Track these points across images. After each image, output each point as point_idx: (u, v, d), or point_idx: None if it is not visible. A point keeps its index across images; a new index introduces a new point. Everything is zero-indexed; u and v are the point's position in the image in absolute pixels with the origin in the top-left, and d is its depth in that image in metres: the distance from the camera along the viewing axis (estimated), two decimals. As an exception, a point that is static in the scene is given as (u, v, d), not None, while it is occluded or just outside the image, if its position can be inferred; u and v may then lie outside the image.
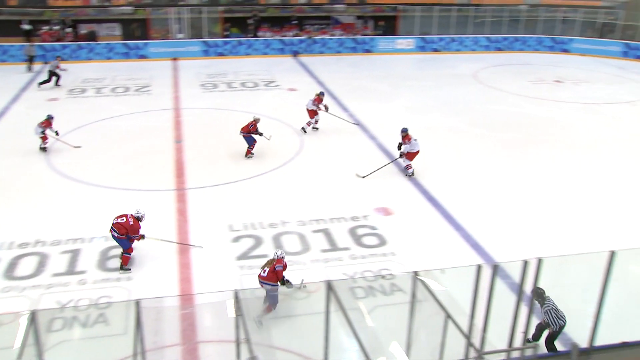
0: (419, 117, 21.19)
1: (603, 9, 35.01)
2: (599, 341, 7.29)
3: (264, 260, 10.64)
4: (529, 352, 6.76)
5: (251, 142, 16.99)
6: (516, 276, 7.17)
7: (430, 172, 16.45)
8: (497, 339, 7.32)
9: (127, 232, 11.28)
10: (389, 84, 26.00)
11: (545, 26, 34.20)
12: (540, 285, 7.31)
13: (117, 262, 11.60)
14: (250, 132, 16.79)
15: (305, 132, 19.34)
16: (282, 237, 12.75)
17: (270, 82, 25.82)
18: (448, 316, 7.15)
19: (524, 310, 7.20)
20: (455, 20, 33.03)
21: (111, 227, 11.38)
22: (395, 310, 9.85)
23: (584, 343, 7.31)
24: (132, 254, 11.56)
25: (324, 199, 14.55)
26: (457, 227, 13.39)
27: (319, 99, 19.24)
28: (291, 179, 15.84)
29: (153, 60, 29.85)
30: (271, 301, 9.87)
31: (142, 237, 11.47)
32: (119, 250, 11.63)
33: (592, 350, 7.09)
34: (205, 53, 30.58)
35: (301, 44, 31.31)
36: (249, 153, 17.05)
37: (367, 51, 32.05)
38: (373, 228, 13.24)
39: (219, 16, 31.70)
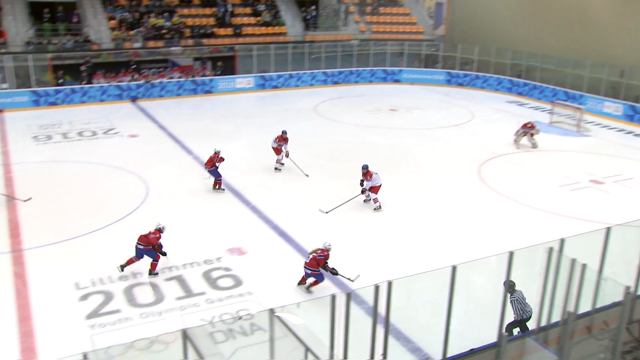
0: (265, 153, 21.37)
1: (425, 42, 37.94)
2: (451, 352, 7.70)
3: (116, 317, 10.07)
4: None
5: (217, 175, 17.40)
6: (371, 300, 7.38)
7: (279, 206, 16.61)
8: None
9: (150, 243, 12.63)
10: (233, 123, 26.07)
11: (377, 59, 36.33)
12: (392, 306, 7.58)
13: None
14: (215, 165, 17.21)
15: (279, 170, 19.54)
16: (134, 289, 12.16)
17: (110, 130, 24.81)
18: (307, 349, 7.18)
19: (380, 332, 7.41)
20: (291, 57, 34.03)
21: (137, 242, 12.66)
22: (256, 350, 9.69)
23: (438, 355, 7.67)
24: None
25: (175, 245, 14.12)
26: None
27: (281, 137, 19.34)
28: (140, 228, 15.20)
29: (-25, 115, 27.56)
30: (318, 278, 11.87)
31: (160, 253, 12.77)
32: None
33: (445, 362, 7.45)
34: (36, 103, 28.77)
35: (139, 88, 30.54)
36: (218, 185, 17.55)
37: (208, 92, 32.00)
38: (228, 269, 13.05)
39: (48, 64, 30.05)
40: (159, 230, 12.94)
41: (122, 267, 12.74)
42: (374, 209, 16.46)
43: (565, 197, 17.99)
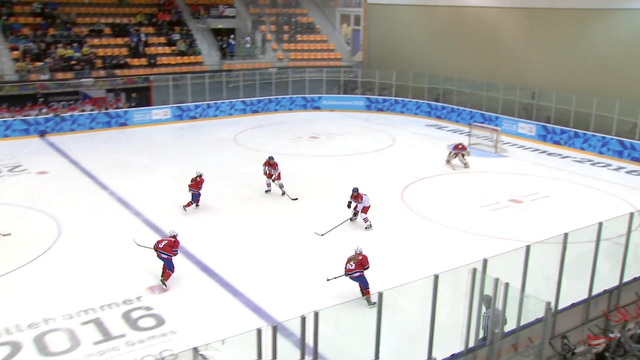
0: (184, 186, 21.05)
1: (343, 68, 38.72)
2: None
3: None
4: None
5: (197, 198, 18.57)
6: (299, 332, 7.34)
7: (200, 240, 16.35)
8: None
9: (171, 249, 13.61)
10: (150, 156, 25.55)
11: (296, 86, 36.68)
12: (320, 337, 7.57)
13: None
14: (199, 188, 18.38)
15: (268, 191, 20.31)
16: (46, 337, 11.57)
17: (16, 167, 23.74)
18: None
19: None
20: (209, 86, 33.84)
21: (158, 250, 13.61)
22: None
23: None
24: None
25: (92, 285, 13.61)
26: (236, 292, 13.40)
27: (267, 162, 19.95)
28: (52, 269, 14.56)
29: None
30: (364, 285, 12.81)
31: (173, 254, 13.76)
32: None
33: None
34: None
35: (48, 122, 29.47)
36: (196, 204, 18.63)
37: (123, 124, 31.28)
38: (149, 308, 12.66)
39: (-56, 99, 28.59)
40: (174, 237, 13.93)
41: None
42: (365, 228, 17.28)
43: (487, 217, 18.62)
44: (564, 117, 28.31)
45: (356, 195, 17.27)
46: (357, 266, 12.87)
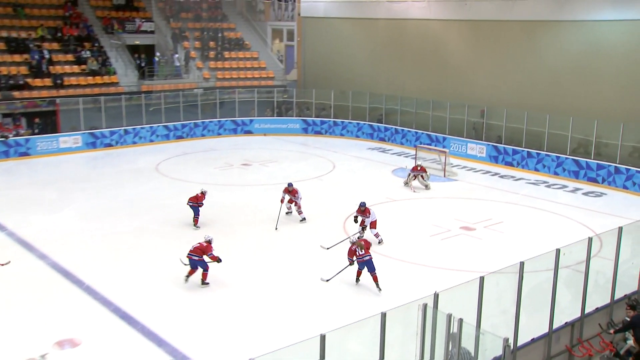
0: (98, 223, 20.54)
1: (277, 88, 38.88)
2: None
3: None
4: None
5: (197, 212, 20.13)
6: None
7: (120, 284, 15.92)
8: None
9: (202, 253, 15.57)
10: (57, 190, 24.80)
11: (225, 109, 36.54)
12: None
13: None
14: (199, 203, 20.02)
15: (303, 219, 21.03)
16: None
17: None
18: None
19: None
20: (126, 110, 33.28)
21: (189, 254, 15.70)
22: None
23: None
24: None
25: (-12, 343, 13.01)
26: (160, 342, 13.09)
27: (286, 189, 20.80)
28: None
29: None
30: (371, 269, 15.32)
31: (218, 259, 15.81)
32: None
33: None
34: None
35: None
36: (195, 222, 20.19)
37: (24, 154, 30.32)
38: (57, 366, 12.17)
39: None
40: (209, 242, 15.85)
41: (187, 278, 15.84)
42: (379, 243, 18.55)
43: (437, 246, 18.86)
44: (516, 136, 29.21)
45: (363, 210, 18.58)
46: (367, 250, 15.28)
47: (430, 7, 34.14)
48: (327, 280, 16.09)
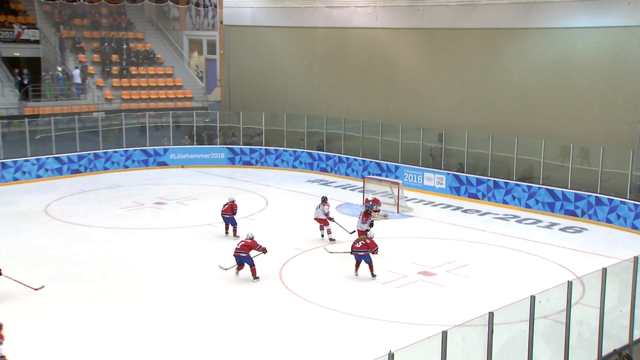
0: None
1: (196, 110, 38.54)
2: None
3: None
4: None
5: (235, 223, 23.51)
6: None
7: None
8: None
9: (250, 249, 19.16)
10: None
11: (132, 136, 35.89)
12: None
13: None
14: (234, 212, 23.23)
15: (332, 240, 23.39)
16: None
17: None
18: None
19: None
20: (3, 138, 32.32)
21: (236, 252, 19.28)
22: None
23: None
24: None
25: None
26: None
27: (325, 202, 23.51)
28: None
29: None
30: (368, 261, 19.59)
31: (264, 249, 19.66)
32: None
33: None
34: None
35: None
36: (234, 232, 23.47)
37: None
38: None
39: None
40: (252, 238, 19.43)
41: (237, 272, 19.50)
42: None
43: (391, 296, 18.78)
44: (480, 164, 29.59)
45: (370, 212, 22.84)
46: (364, 247, 19.43)
47: (376, 13, 34.55)
48: (331, 252, 21.24)
